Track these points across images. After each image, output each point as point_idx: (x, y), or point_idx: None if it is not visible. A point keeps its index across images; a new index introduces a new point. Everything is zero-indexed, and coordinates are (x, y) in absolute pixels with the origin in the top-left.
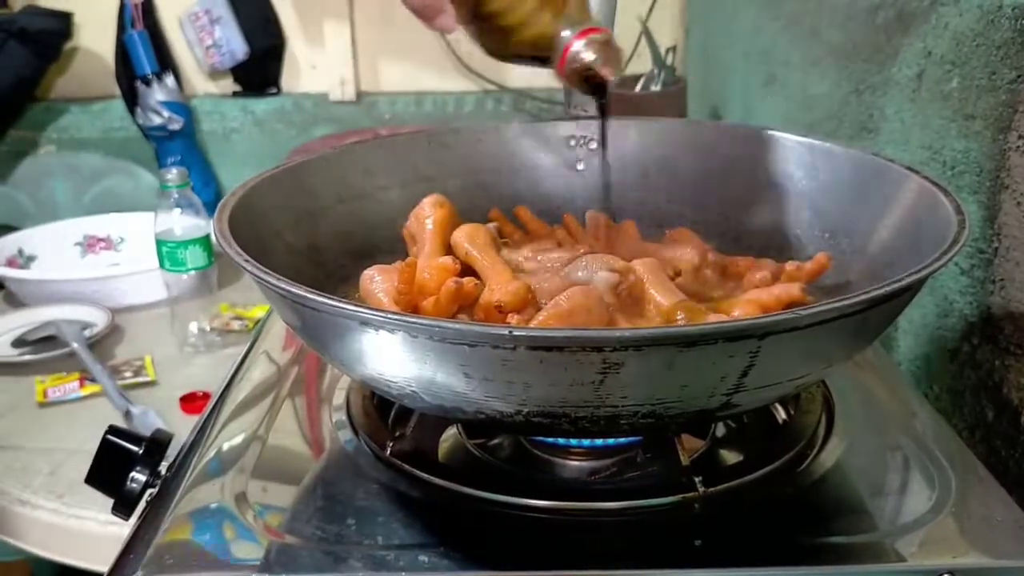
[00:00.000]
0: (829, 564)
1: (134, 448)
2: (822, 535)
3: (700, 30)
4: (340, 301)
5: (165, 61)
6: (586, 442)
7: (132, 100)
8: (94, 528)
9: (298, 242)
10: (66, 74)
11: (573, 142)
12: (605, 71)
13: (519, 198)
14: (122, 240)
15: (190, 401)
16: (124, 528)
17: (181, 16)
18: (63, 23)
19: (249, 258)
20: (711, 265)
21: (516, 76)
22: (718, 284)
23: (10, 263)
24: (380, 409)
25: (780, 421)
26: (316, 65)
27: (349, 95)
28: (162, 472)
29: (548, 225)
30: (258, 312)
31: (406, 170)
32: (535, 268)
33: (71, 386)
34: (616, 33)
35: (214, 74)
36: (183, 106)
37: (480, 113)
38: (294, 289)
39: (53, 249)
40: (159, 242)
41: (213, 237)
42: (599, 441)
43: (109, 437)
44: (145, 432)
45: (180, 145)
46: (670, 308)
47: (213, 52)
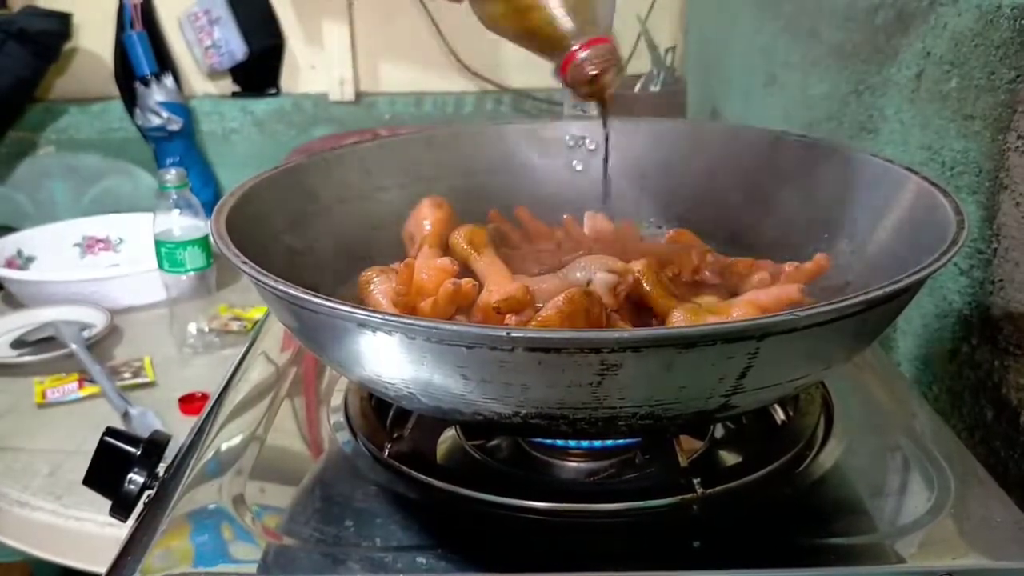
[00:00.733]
0: (828, 565)
1: (132, 449)
2: (821, 536)
3: (699, 30)
4: (337, 302)
5: (164, 62)
6: (584, 443)
7: (131, 101)
8: (93, 529)
9: (296, 243)
10: (65, 75)
11: (572, 143)
12: (607, 81)
13: (518, 199)
14: (121, 241)
15: (189, 402)
16: (123, 530)
17: (180, 16)
18: (62, 24)
19: (246, 259)
20: (710, 266)
21: (516, 76)
22: (717, 285)
23: (9, 264)
24: (378, 410)
25: (779, 422)
26: (315, 65)
27: (348, 95)
28: (160, 473)
29: (547, 226)
30: (257, 313)
31: (405, 171)
32: (533, 269)
33: (70, 387)
34: (615, 33)
35: (213, 74)
36: (182, 107)
37: (480, 113)
38: (291, 291)
39: (52, 250)
40: (158, 243)
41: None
42: (597, 442)
43: (107, 439)
44: (144, 433)
45: (179, 146)
46: (668, 309)
47: (212, 52)
